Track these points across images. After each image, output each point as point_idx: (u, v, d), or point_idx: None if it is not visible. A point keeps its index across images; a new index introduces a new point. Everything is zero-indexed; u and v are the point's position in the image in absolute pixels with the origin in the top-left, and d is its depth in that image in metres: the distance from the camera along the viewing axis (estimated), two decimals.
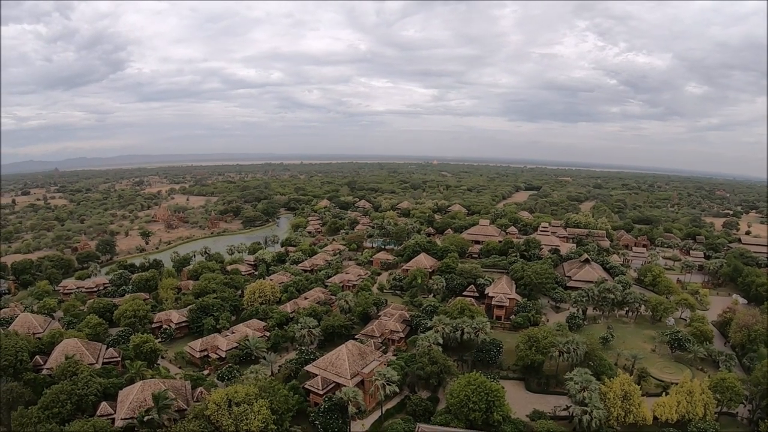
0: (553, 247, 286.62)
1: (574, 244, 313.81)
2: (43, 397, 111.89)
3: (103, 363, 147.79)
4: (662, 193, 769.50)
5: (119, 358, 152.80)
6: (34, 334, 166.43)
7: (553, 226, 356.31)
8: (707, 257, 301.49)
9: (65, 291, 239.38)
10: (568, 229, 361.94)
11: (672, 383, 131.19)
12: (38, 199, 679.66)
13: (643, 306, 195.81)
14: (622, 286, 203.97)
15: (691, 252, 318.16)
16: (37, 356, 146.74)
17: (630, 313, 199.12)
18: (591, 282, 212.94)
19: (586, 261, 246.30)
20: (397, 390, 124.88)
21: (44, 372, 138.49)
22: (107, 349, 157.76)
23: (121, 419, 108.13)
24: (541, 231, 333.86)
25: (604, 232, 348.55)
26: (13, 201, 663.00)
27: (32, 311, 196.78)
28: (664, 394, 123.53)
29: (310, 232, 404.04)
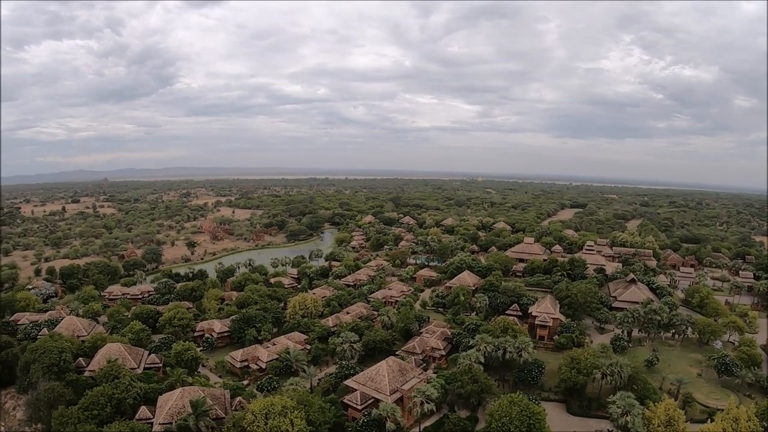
0: (599, 266, 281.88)
1: (620, 264, 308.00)
2: (84, 398, 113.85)
3: (145, 368, 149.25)
4: (710, 211, 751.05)
5: (161, 365, 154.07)
6: (78, 336, 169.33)
7: (598, 244, 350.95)
8: (757, 278, 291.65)
9: (110, 297, 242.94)
10: (614, 248, 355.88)
11: (718, 409, 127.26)
12: (87, 207, 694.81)
13: (689, 328, 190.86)
14: (669, 307, 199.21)
15: (740, 272, 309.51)
16: (80, 358, 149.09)
17: (676, 336, 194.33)
18: (637, 303, 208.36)
19: (632, 281, 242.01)
20: (435, 409, 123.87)
21: (86, 374, 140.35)
22: (149, 354, 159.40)
23: (159, 424, 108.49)
24: (586, 250, 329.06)
25: (651, 251, 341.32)
26: (63, 208, 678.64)
27: (78, 315, 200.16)
28: (709, 420, 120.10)
29: (354, 247, 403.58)
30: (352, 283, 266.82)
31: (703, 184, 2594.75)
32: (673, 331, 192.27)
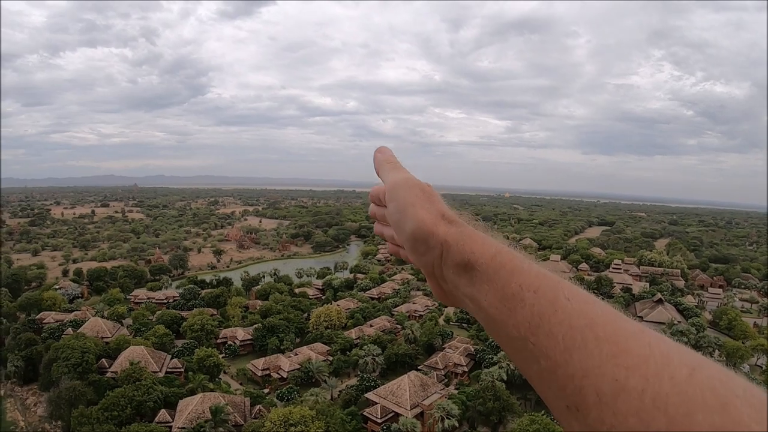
0: (625, 285, 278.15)
1: (647, 283, 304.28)
2: (105, 399, 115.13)
3: (167, 372, 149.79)
4: (740, 230, 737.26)
5: (182, 369, 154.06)
6: (102, 338, 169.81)
7: (625, 263, 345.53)
8: None
9: (136, 300, 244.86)
10: (641, 267, 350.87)
11: None
12: (116, 212, 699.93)
13: (717, 351, 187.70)
14: (696, 329, 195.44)
15: None
16: (103, 359, 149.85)
17: None
18: (663, 323, 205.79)
19: (660, 301, 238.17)
20: (457, 425, 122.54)
21: (108, 375, 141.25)
22: (171, 359, 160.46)
23: (178, 428, 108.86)
24: (613, 268, 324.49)
25: (679, 271, 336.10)
26: (93, 212, 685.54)
27: (103, 316, 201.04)
28: None
29: (379, 260, 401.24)
30: (376, 296, 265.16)
31: (734, 202, 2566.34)
32: (701, 353, 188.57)
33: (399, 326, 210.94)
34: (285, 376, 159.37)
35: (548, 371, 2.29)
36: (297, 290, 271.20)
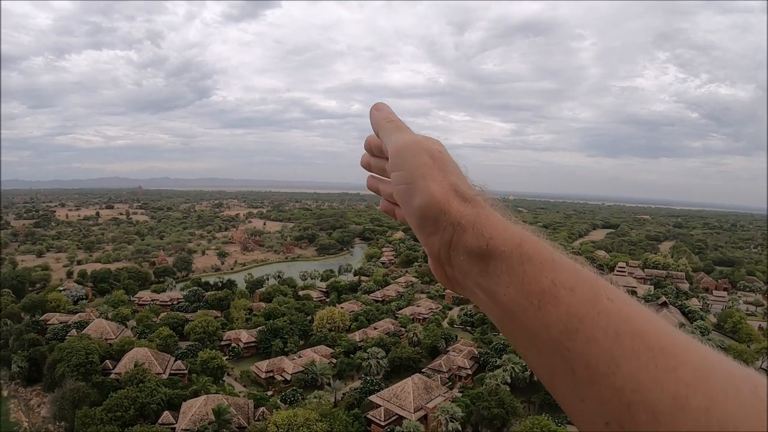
0: (630, 288, 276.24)
1: (652, 286, 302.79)
2: (109, 400, 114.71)
3: (170, 374, 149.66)
4: (745, 233, 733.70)
5: (186, 371, 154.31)
6: (106, 339, 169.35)
7: (630, 266, 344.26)
8: None
9: (140, 302, 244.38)
10: (646, 269, 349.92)
11: None
12: (121, 214, 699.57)
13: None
14: (701, 331, 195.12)
15: None
16: (107, 360, 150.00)
17: None
18: None
19: (664, 304, 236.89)
20: (460, 428, 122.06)
21: (112, 376, 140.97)
22: (175, 361, 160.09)
23: (181, 430, 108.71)
24: (618, 271, 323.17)
25: (684, 273, 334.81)
26: (97, 213, 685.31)
27: (107, 318, 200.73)
28: None
29: (383, 263, 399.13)
30: (380, 299, 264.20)
31: (738, 205, 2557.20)
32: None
33: (403, 329, 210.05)
34: (289, 379, 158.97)
35: (586, 382, 2.04)
36: (301, 293, 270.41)
